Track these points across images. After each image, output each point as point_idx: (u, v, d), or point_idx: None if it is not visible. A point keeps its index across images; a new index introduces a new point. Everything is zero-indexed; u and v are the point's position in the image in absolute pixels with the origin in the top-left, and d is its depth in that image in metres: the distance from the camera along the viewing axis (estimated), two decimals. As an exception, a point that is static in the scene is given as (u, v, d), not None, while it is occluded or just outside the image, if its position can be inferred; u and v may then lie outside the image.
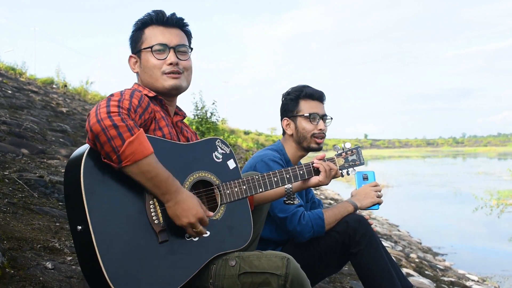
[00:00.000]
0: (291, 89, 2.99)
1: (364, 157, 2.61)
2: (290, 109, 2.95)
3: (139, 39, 2.12)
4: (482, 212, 12.99)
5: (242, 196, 2.08)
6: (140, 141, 1.66)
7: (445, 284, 5.48)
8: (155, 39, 2.09)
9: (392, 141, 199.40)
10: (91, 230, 1.61)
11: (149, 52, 2.09)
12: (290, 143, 2.97)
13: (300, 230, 2.59)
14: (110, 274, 1.61)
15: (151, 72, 2.09)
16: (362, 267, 2.56)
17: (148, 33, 2.11)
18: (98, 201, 1.66)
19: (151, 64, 2.08)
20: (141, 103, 1.85)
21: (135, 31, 2.15)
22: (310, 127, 2.89)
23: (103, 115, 1.64)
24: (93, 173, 1.69)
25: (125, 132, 1.64)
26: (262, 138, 55.04)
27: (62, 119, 9.18)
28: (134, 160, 1.66)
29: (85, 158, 1.68)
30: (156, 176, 1.72)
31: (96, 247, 1.61)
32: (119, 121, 1.64)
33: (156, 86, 2.09)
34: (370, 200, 2.72)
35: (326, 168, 2.32)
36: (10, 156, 4.81)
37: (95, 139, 1.65)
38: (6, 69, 14.67)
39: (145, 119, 1.88)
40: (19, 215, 3.14)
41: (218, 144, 2.12)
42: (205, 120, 14.54)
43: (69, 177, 1.74)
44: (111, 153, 1.65)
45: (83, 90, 17.87)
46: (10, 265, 2.25)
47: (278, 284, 1.81)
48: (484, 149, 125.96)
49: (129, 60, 2.18)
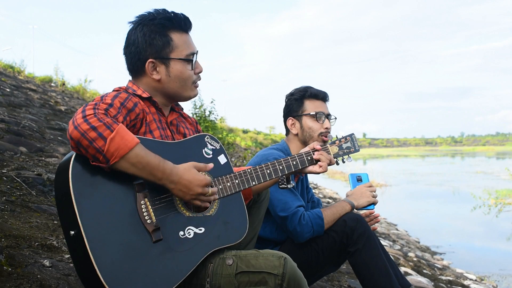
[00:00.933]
0: (295, 90, 3.02)
1: (363, 156, 2.61)
2: (295, 109, 2.98)
3: (166, 45, 2.02)
4: (480, 211, 13.00)
5: (235, 190, 2.07)
6: (122, 136, 1.65)
7: (443, 283, 5.48)
8: (186, 48, 2.05)
9: (391, 140, 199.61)
10: (83, 234, 1.61)
11: (184, 62, 2.04)
12: (295, 142, 3.00)
13: (300, 230, 2.59)
14: (105, 277, 1.61)
15: (183, 82, 2.06)
16: (360, 266, 2.56)
17: (176, 40, 2.03)
18: (88, 205, 1.65)
19: (186, 75, 2.05)
20: (126, 104, 1.83)
21: (157, 35, 2.01)
22: (317, 126, 2.91)
23: (79, 121, 1.63)
24: (82, 177, 1.68)
25: (104, 130, 1.63)
26: (260, 136, 55.03)
27: (61, 118, 9.17)
28: (121, 156, 1.65)
29: (73, 163, 1.67)
30: (148, 164, 1.71)
31: (89, 251, 1.60)
32: (96, 121, 1.63)
33: (183, 95, 2.10)
34: (366, 200, 2.74)
35: (327, 157, 2.32)
36: (8, 154, 4.80)
37: (78, 146, 1.64)
38: (4, 67, 14.64)
39: (131, 120, 1.86)
40: (17, 213, 3.14)
41: (207, 140, 2.11)
42: (203, 118, 14.52)
43: (59, 182, 1.73)
44: (97, 155, 1.64)
45: (82, 89, 17.84)
46: (7, 263, 2.25)
47: (275, 283, 1.80)
48: (482, 148, 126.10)
49: (146, 64, 2.02)
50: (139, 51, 2.02)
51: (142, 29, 2.02)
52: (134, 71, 2.09)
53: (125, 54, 2.09)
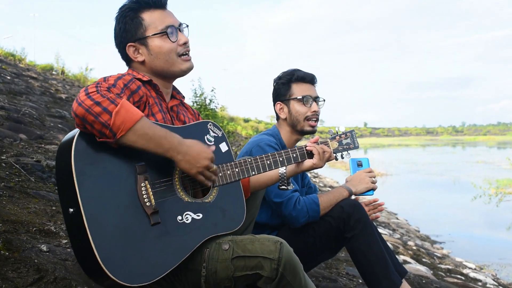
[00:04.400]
0: (282, 74, 2.99)
1: (364, 145, 2.60)
2: (283, 93, 2.95)
3: (138, 26, 2.05)
4: (481, 200, 13.02)
5: (235, 178, 2.07)
6: (126, 109, 1.66)
7: (442, 272, 5.49)
8: (162, 23, 2.06)
9: (392, 130, 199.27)
10: (83, 212, 1.61)
11: (161, 37, 2.05)
12: (284, 127, 2.97)
13: (295, 215, 2.59)
14: (102, 256, 1.61)
15: (167, 57, 2.06)
16: (356, 252, 2.56)
17: (148, 18, 2.05)
18: (89, 183, 1.66)
19: (167, 48, 2.06)
20: (129, 86, 1.85)
21: (128, 19, 2.06)
22: (304, 109, 2.89)
23: (83, 97, 1.64)
24: (84, 155, 1.68)
25: (108, 105, 1.64)
26: (261, 126, 54.93)
27: (61, 105, 9.16)
28: (127, 128, 1.66)
29: (76, 141, 1.68)
30: (154, 136, 1.73)
31: (87, 229, 1.61)
32: (99, 97, 1.64)
33: (173, 70, 2.10)
34: (364, 186, 2.73)
35: (320, 151, 2.30)
36: (8, 141, 4.80)
37: (83, 122, 1.65)
38: (5, 55, 14.59)
39: (134, 102, 1.87)
40: (15, 198, 3.15)
41: (210, 127, 2.12)
42: (204, 107, 14.49)
43: (60, 160, 1.74)
44: (103, 129, 1.64)
45: (83, 77, 17.80)
46: (5, 248, 2.25)
47: (271, 268, 1.81)
48: (483, 138, 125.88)
49: (127, 50, 2.07)
50: (119, 41, 2.10)
51: (117, 19, 2.10)
52: (126, 61, 2.15)
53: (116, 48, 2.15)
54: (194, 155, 1.82)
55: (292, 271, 1.83)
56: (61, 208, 1.74)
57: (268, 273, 1.81)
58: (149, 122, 1.73)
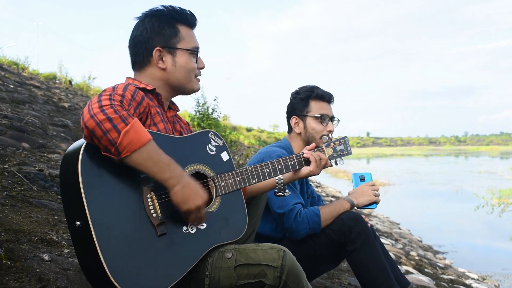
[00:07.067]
0: (301, 89, 3.01)
1: (366, 155, 2.62)
2: (300, 109, 2.97)
3: (173, 35, 2.08)
4: (484, 210, 12.99)
5: (237, 187, 2.08)
6: (136, 130, 1.66)
7: (445, 282, 5.47)
8: (192, 42, 2.13)
9: (394, 139, 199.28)
10: (91, 225, 1.61)
11: (189, 54, 2.11)
12: (297, 141, 2.99)
13: (295, 227, 2.59)
14: (110, 268, 1.61)
15: (187, 74, 2.11)
16: (358, 265, 2.56)
17: (183, 32, 2.11)
18: (96, 196, 1.66)
19: (191, 66, 2.11)
20: (135, 97, 1.84)
21: (165, 25, 2.08)
22: (320, 128, 2.91)
23: (96, 110, 1.63)
24: (91, 167, 1.68)
25: (119, 123, 1.63)
26: (264, 135, 54.95)
27: (64, 114, 9.18)
28: (133, 150, 1.65)
29: (82, 152, 1.67)
30: (159, 161, 1.72)
31: (96, 242, 1.60)
32: (112, 113, 1.64)
33: (187, 87, 2.15)
34: (367, 198, 2.73)
35: (316, 158, 2.31)
36: (10, 149, 4.81)
37: (92, 135, 1.64)
38: (8, 64, 14.65)
39: (140, 113, 1.87)
40: (18, 207, 3.15)
41: (211, 136, 2.13)
42: (206, 116, 14.48)
43: (65, 172, 1.73)
44: (109, 146, 1.64)
45: (86, 86, 17.85)
46: (7, 257, 2.25)
47: (274, 276, 1.81)
48: (486, 148, 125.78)
49: (153, 52, 2.06)
50: (146, 40, 2.08)
51: (150, 20, 2.09)
52: (139, 63, 2.12)
53: (130, 46, 2.13)
54: (192, 191, 1.80)
55: (295, 279, 1.84)
56: (67, 220, 1.74)
57: (271, 281, 1.81)
58: (156, 147, 1.72)
